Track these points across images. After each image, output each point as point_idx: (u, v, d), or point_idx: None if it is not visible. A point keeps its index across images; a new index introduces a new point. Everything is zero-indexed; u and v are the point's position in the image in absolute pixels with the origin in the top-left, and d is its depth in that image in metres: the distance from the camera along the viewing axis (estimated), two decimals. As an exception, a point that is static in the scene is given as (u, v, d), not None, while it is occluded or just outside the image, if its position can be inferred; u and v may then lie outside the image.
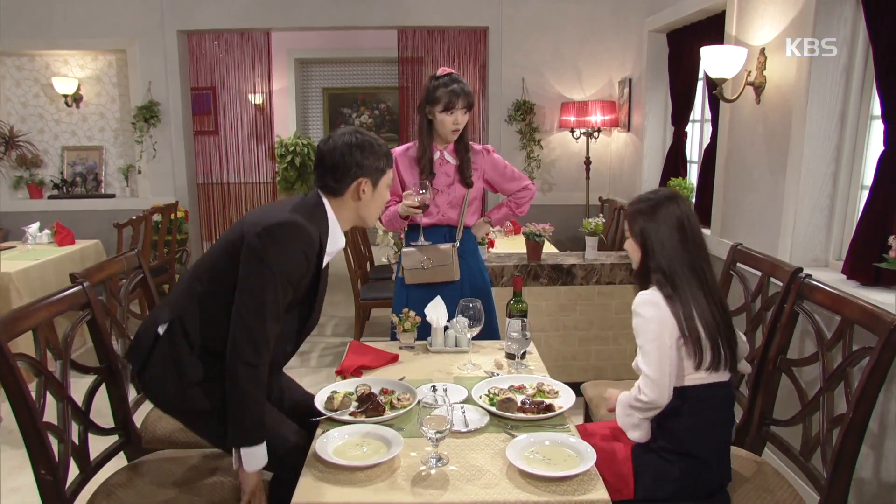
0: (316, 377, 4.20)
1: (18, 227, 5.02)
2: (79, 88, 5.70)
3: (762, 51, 3.08)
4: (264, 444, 1.79)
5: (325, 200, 1.92)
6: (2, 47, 5.47)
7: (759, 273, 2.51)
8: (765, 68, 3.07)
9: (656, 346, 1.80)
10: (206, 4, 5.40)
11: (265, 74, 6.37)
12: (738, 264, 2.67)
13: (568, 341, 3.81)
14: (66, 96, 5.65)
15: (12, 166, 5.76)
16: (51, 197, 5.80)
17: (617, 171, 5.52)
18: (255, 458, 1.78)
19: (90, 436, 2.03)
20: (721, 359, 1.83)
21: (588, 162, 5.48)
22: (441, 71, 2.69)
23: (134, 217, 4.67)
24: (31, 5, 5.36)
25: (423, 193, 2.54)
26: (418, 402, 1.88)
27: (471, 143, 2.78)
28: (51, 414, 1.80)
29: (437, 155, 2.73)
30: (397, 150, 2.79)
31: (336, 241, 1.96)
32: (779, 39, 2.96)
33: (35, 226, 4.84)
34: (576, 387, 2.20)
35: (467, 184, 2.73)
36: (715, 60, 3.09)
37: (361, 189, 1.91)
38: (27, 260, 4.26)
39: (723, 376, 1.87)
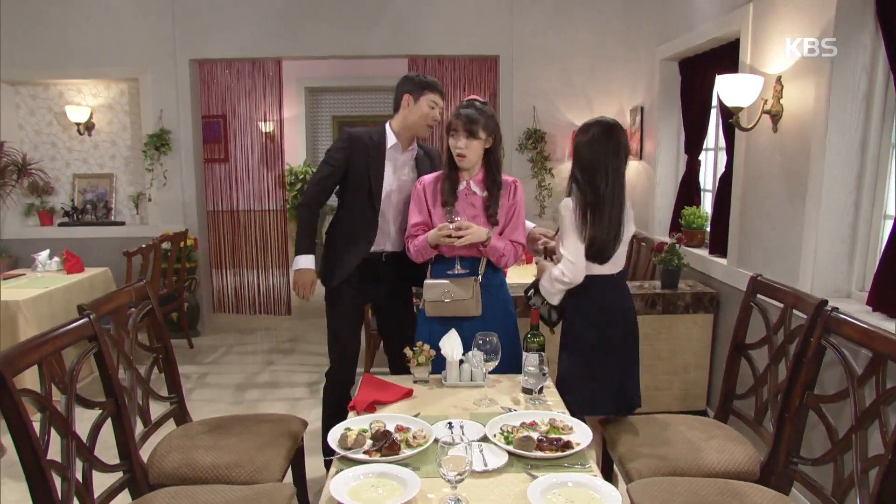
0: (325, 408, 4.12)
1: (28, 254, 5.00)
2: (91, 117, 5.73)
3: (778, 79, 3.05)
4: (304, 256, 3.00)
5: (387, 123, 3.00)
6: (17, 76, 5.53)
7: (780, 305, 2.45)
8: (781, 96, 3.04)
9: (574, 238, 2.48)
10: (218, 34, 5.45)
11: (276, 103, 6.39)
12: (759, 295, 2.61)
13: (582, 373, 3.73)
14: (78, 124, 5.67)
15: (24, 194, 5.77)
16: (61, 224, 5.79)
17: (629, 200, 5.46)
18: (298, 262, 3.00)
19: (95, 473, 1.97)
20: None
21: (599, 190, 5.43)
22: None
23: (143, 245, 4.65)
24: (47, 35, 5.42)
25: (457, 220, 2.51)
26: (435, 440, 1.82)
27: (504, 176, 2.70)
28: (54, 448, 1.75)
29: (462, 185, 2.68)
30: (426, 179, 2.77)
31: (390, 139, 2.97)
32: (796, 68, 2.93)
33: (45, 253, 4.82)
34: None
35: (491, 222, 2.64)
36: (731, 89, 3.06)
37: (406, 102, 2.91)
38: (36, 288, 4.24)
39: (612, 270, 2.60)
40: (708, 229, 4.12)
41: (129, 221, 5.90)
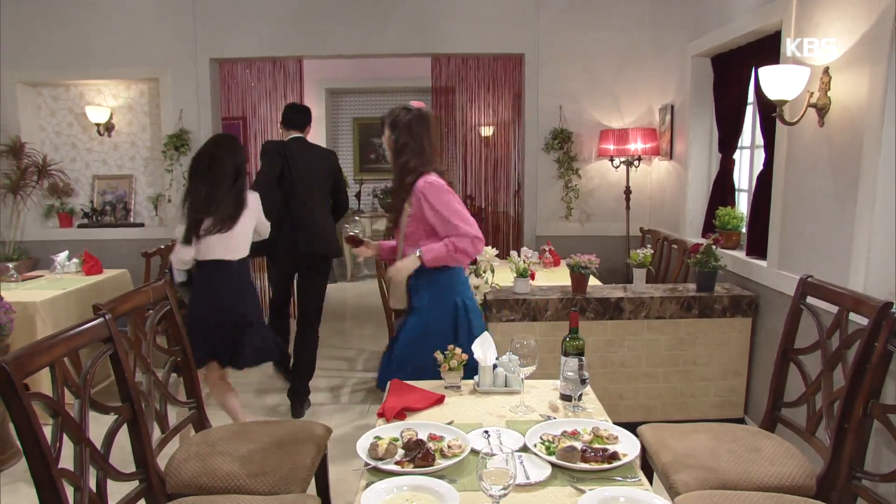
0: (348, 415, 4.01)
1: (48, 255, 4.95)
2: (111, 117, 5.67)
3: (826, 70, 2.89)
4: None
5: None
6: (39, 78, 5.49)
7: (833, 307, 2.30)
8: (829, 89, 2.88)
9: None
10: (239, 33, 5.37)
11: (296, 104, 6.32)
12: (809, 298, 2.46)
13: (615, 379, 3.58)
14: (98, 125, 5.62)
15: (44, 195, 5.73)
16: (80, 226, 5.74)
17: (658, 201, 5.31)
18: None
19: (109, 481, 1.86)
20: None
21: (628, 191, 5.28)
22: None
23: (162, 246, 4.57)
24: (67, 36, 5.37)
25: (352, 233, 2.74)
26: (472, 450, 1.69)
27: (425, 176, 2.59)
28: (66, 454, 1.64)
29: None
30: None
31: None
32: (846, 58, 2.77)
33: (63, 255, 4.76)
34: (624, 427, 1.98)
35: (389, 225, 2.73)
36: (774, 81, 2.90)
37: None
38: (54, 289, 4.17)
39: None
40: (744, 230, 3.96)
41: (147, 223, 5.83)
